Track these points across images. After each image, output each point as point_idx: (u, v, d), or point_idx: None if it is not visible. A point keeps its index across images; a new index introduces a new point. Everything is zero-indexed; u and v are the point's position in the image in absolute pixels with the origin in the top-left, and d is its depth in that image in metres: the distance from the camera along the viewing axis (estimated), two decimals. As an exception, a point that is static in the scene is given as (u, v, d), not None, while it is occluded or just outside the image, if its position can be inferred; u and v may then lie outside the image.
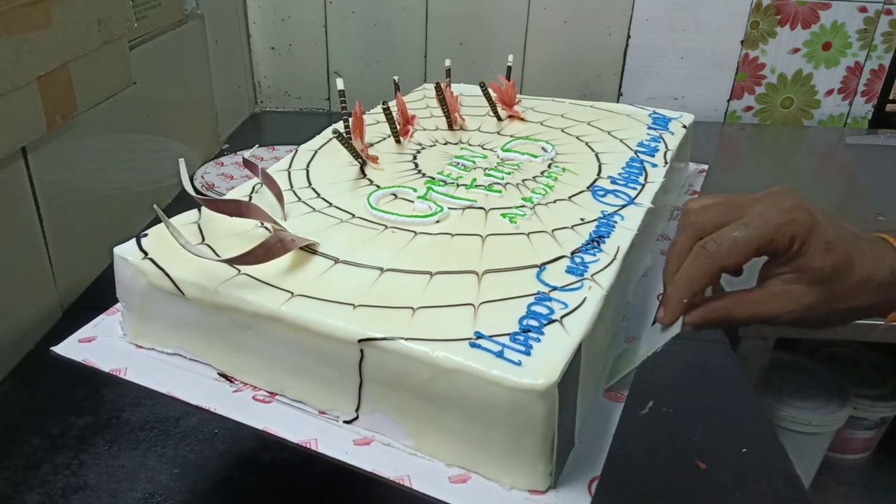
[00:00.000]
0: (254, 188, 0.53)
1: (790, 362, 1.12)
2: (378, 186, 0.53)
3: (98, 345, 0.45)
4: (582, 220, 0.48)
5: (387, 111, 0.59)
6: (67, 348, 0.44)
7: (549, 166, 0.57)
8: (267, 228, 0.46)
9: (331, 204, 0.51)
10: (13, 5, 0.61)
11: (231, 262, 0.40)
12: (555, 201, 0.51)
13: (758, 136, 1.48)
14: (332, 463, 0.37)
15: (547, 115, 0.69)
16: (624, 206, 0.50)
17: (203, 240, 0.46)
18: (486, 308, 0.38)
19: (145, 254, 0.43)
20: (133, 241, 0.45)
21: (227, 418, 0.40)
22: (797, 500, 0.58)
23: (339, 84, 0.58)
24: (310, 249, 0.44)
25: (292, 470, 0.57)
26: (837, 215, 0.41)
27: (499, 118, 0.68)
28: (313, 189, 0.53)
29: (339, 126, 0.55)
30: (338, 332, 0.37)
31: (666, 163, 0.58)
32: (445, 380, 0.35)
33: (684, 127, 0.66)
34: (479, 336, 0.36)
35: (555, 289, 0.40)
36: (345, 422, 0.39)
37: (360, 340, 0.36)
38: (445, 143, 0.62)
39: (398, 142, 0.62)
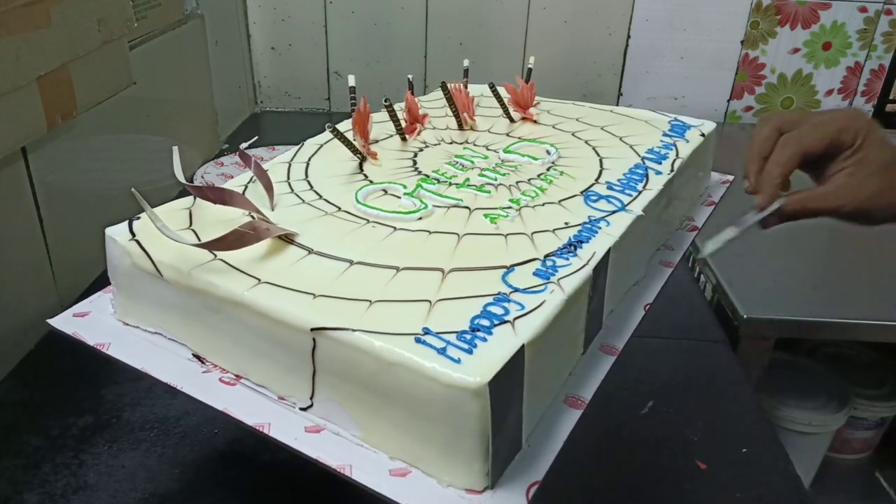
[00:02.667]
0: (251, 179, 0.54)
1: (790, 362, 1.12)
2: (371, 182, 0.54)
3: (89, 320, 0.47)
4: (566, 223, 0.47)
5: (389, 109, 0.60)
6: (62, 321, 0.46)
7: (548, 169, 0.57)
8: (253, 217, 0.47)
9: (320, 196, 0.52)
10: (13, 5, 0.61)
11: (203, 246, 0.42)
12: (543, 204, 0.51)
13: (758, 136, 1.48)
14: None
15: (562, 118, 0.68)
16: (613, 213, 0.49)
17: (190, 225, 0.47)
18: (441, 305, 0.38)
19: (133, 235, 0.45)
20: (125, 223, 0.46)
21: (204, 403, 0.41)
22: (797, 500, 0.58)
23: (351, 80, 0.59)
24: (288, 239, 0.45)
25: (292, 470, 0.57)
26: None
27: (511, 119, 0.67)
28: (308, 181, 0.54)
29: (348, 123, 0.56)
30: (292, 319, 0.38)
31: (672, 171, 0.56)
32: (388, 373, 0.35)
33: (702, 135, 0.64)
34: (427, 332, 0.36)
35: (516, 290, 0.40)
36: (301, 409, 0.40)
37: (312, 329, 0.37)
38: (451, 143, 0.62)
39: (404, 139, 0.62)
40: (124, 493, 0.55)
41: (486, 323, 0.37)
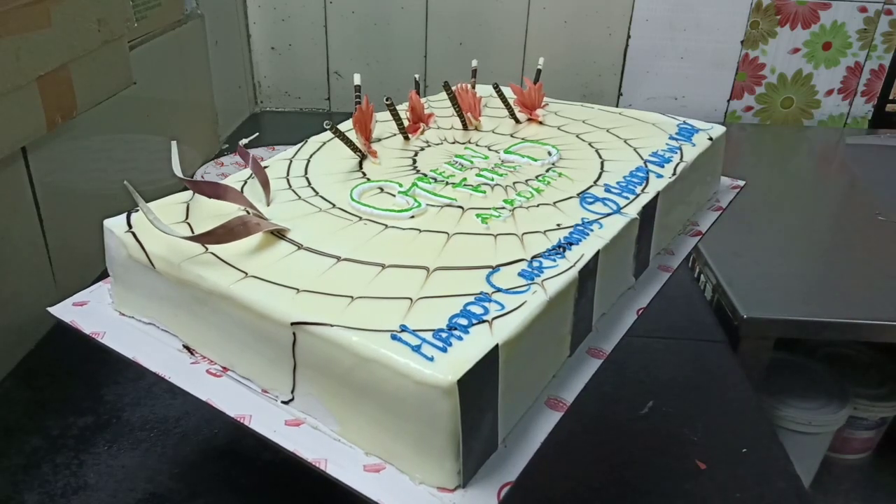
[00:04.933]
0: (250, 175, 0.54)
1: (790, 362, 1.12)
2: (368, 180, 0.54)
3: (88, 309, 0.48)
4: (558, 225, 0.47)
5: (390, 107, 0.60)
6: (61, 310, 0.48)
7: (547, 171, 0.56)
8: (247, 212, 0.47)
9: (317, 193, 0.52)
10: (13, 5, 0.61)
11: (192, 239, 0.42)
12: (538, 205, 0.50)
13: (758, 136, 1.48)
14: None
15: (568, 119, 0.68)
16: (607, 215, 0.49)
17: (186, 218, 0.48)
18: (422, 303, 0.38)
19: (130, 227, 0.46)
20: (124, 215, 0.47)
21: (190, 393, 0.42)
22: (797, 500, 0.58)
23: (356, 79, 0.59)
24: (279, 234, 0.45)
25: (292, 470, 0.57)
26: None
27: (517, 120, 0.67)
28: (306, 178, 0.55)
29: (349, 122, 0.57)
30: (274, 313, 0.38)
31: (674, 174, 0.56)
32: (364, 369, 0.35)
33: (710, 139, 0.63)
34: (403, 329, 0.36)
35: (499, 290, 0.40)
36: (283, 402, 0.40)
37: (292, 323, 0.37)
38: (453, 143, 0.62)
39: (406, 138, 0.62)
40: (124, 493, 0.55)
41: (463, 322, 0.37)
